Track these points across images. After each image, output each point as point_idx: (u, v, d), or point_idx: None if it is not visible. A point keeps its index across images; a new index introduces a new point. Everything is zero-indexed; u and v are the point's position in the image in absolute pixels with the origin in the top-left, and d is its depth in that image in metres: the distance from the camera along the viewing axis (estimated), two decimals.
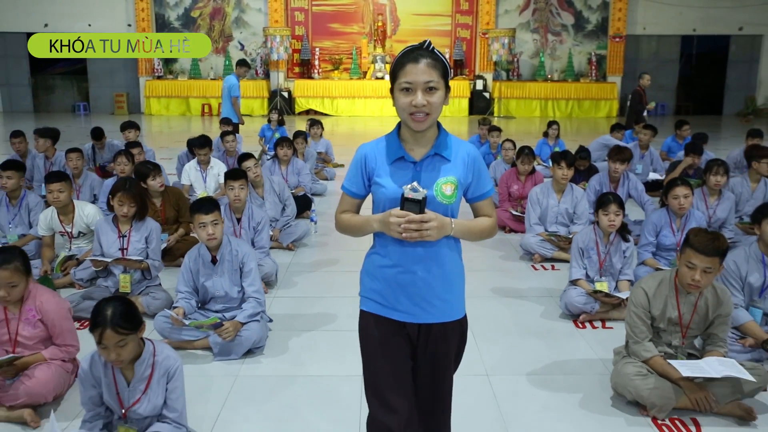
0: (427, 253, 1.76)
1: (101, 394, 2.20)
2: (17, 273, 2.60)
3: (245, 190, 4.17)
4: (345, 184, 1.88)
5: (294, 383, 2.92)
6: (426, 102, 1.68)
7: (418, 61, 1.69)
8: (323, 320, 3.61)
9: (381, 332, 1.82)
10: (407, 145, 1.79)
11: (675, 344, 2.78)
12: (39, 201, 4.70)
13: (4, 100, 19.31)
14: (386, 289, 1.81)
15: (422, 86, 1.68)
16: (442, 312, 1.81)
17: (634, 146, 7.28)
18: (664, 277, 2.79)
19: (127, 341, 2.05)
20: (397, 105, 1.73)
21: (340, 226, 1.90)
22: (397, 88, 1.72)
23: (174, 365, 2.20)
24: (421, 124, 1.71)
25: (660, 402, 2.60)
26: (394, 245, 1.77)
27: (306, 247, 5.11)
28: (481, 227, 1.84)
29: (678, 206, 3.99)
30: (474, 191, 1.83)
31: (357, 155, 1.85)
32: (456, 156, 1.79)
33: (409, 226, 1.66)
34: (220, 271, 3.28)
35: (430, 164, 1.77)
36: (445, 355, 1.85)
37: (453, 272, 1.82)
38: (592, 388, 2.86)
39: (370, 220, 1.78)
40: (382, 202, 1.79)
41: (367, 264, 1.88)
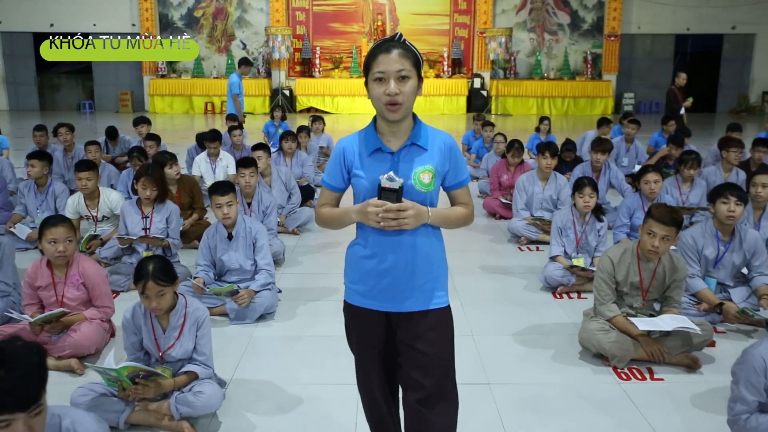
0: (407, 242, 1.79)
1: (141, 341, 2.60)
2: (71, 229, 3.03)
3: (255, 177, 4.56)
4: (324, 178, 1.91)
5: (300, 342, 3.33)
6: (399, 91, 1.72)
7: (389, 51, 1.73)
8: (326, 292, 4.01)
9: (363, 327, 1.90)
10: (384, 137, 1.82)
11: (636, 306, 3.18)
12: (64, 188, 5.10)
13: (11, 98, 19.41)
14: (368, 279, 1.84)
15: (394, 75, 1.71)
16: (423, 300, 1.84)
17: (621, 140, 7.69)
18: (628, 247, 3.18)
19: (165, 292, 2.45)
20: (372, 95, 1.77)
21: (320, 219, 1.93)
22: (371, 79, 1.76)
23: (203, 315, 2.60)
24: (395, 114, 1.74)
25: (620, 353, 2.99)
26: (374, 235, 1.80)
27: (309, 231, 5.51)
28: (458, 215, 1.87)
29: (649, 190, 4.39)
30: (451, 179, 1.86)
31: (336, 149, 1.88)
32: (432, 145, 1.82)
33: (386, 215, 1.69)
34: (235, 246, 3.68)
35: (407, 154, 1.80)
36: (431, 343, 1.84)
37: (433, 261, 1.85)
38: (564, 345, 3.27)
39: (349, 211, 1.81)
40: (361, 194, 1.82)
41: (348, 255, 1.92)
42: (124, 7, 18.84)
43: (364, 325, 1.90)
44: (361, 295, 1.87)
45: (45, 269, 3.12)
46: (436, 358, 1.84)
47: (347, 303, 1.93)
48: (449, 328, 1.90)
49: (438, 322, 1.86)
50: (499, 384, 2.86)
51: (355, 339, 1.96)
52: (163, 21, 18.88)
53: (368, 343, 1.92)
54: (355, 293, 1.89)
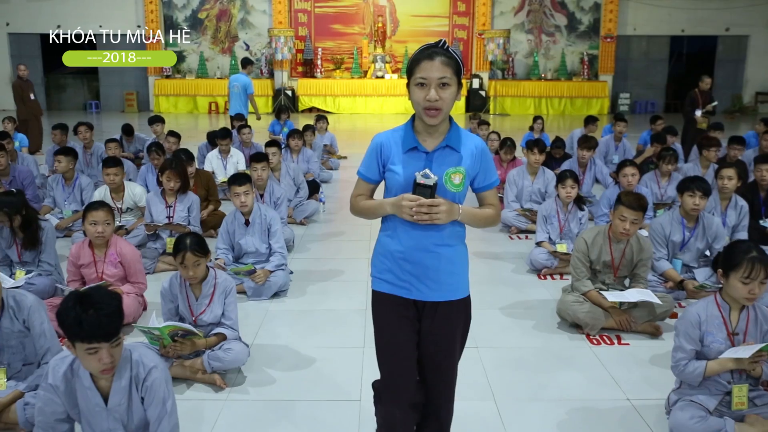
0: (434, 236, 1.88)
1: (177, 307, 3.02)
2: (110, 213, 3.45)
3: (266, 171, 4.97)
4: (361, 169, 2.00)
5: (311, 314, 3.76)
6: (439, 97, 1.79)
7: (432, 59, 1.79)
8: (333, 274, 4.43)
9: (391, 313, 1.96)
10: (420, 137, 1.90)
11: (608, 282, 3.60)
12: (89, 182, 5.52)
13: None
14: (396, 269, 1.92)
15: (436, 82, 1.78)
16: (448, 291, 1.93)
17: (610, 138, 8.10)
18: (600, 230, 3.60)
19: (200, 262, 2.87)
20: (413, 99, 1.84)
21: (355, 209, 2.01)
22: (413, 83, 1.83)
23: (230, 285, 3.02)
24: (434, 119, 1.82)
25: (592, 322, 3.42)
26: (404, 228, 1.89)
27: (316, 222, 5.94)
28: (486, 215, 1.97)
29: (627, 183, 4.81)
30: (480, 182, 1.95)
31: (373, 143, 1.96)
32: (465, 148, 1.89)
33: (420, 209, 1.78)
34: (251, 231, 4.10)
35: (441, 155, 1.88)
36: (450, 332, 1.96)
37: (457, 255, 1.95)
38: (545, 317, 3.69)
39: (384, 203, 1.90)
40: (394, 188, 1.90)
41: (378, 246, 2.00)
42: (130, 9, 19.00)
43: (393, 306, 1.96)
44: (389, 283, 1.95)
45: (87, 249, 3.54)
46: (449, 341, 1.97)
47: (376, 292, 2.00)
48: (468, 316, 2.03)
49: (459, 311, 1.97)
50: (486, 347, 3.28)
51: (385, 325, 1.99)
52: (167, 22, 18.95)
53: (397, 325, 1.96)
54: (383, 282, 1.97)
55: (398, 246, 1.91)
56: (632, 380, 2.97)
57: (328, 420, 2.65)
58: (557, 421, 2.65)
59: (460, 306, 1.97)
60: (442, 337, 1.96)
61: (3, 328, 2.55)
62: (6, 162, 5.55)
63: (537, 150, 5.51)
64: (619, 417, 2.68)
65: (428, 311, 1.95)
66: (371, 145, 1.97)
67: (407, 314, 1.95)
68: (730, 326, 2.47)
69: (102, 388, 2.01)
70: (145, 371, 2.01)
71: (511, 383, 2.96)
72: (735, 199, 4.48)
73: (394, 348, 1.98)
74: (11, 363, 2.61)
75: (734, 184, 4.44)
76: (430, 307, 1.94)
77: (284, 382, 2.96)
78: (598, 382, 2.97)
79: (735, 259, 2.38)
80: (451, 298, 1.94)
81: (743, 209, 4.48)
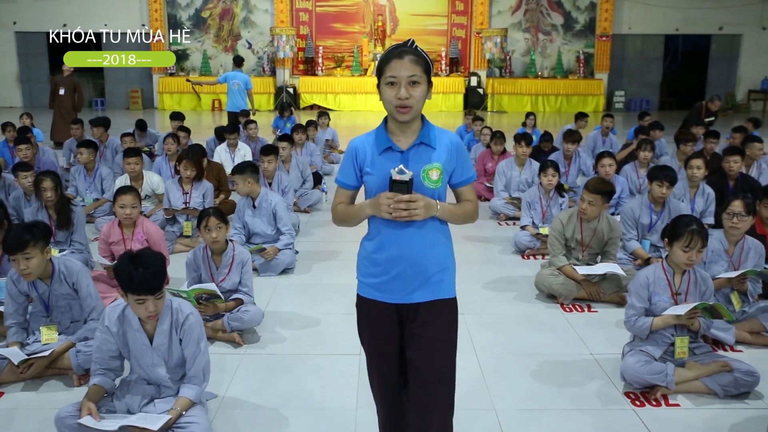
0: (416, 235, 1.87)
1: (200, 276, 3.46)
2: (137, 198, 3.88)
3: (273, 164, 5.39)
4: (338, 177, 2.00)
5: (315, 288, 4.20)
6: (409, 95, 1.81)
7: (402, 57, 1.81)
8: (335, 254, 4.87)
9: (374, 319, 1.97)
10: (394, 137, 1.91)
11: (580, 258, 4.04)
12: (109, 172, 5.95)
13: (25, 95, 19.81)
14: (378, 272, 1.92)
15: (405, 80, 1.80)
16: (431, 292, 1.91)
17: (598, 133, 8.52)
18: (573, 211, 4.04)
19: (221, 226, 3.32)
20: (383, 98, 1.86)
21: (337, 217, 2.02)
22: (383, 83, 1.85)
23: (246, 257, 3.46)
24: (405, 116, 1.83)
25: (565, 293, 3.86)
26: (386, 229, 1.89)
27: (319, 210, 6.40)
28: (464, 210, 1.97)
29: (605, 173, 5.24)
30: (457, 177, 1.95)
31: (348, 149, 1.97)
32: (440, 144, 1.90)
33: (397, 206, 1.78)
34: (258, 213, 4.55)
35: (416, 153, 1.88)
36: (435, 333, 1.92)
37: (441, 255, 1.93)
38: (525, 290, 4.13)
39: (363, 205, 1.90)
40: (373, 190, 1.91)
41: (361, 250, 2.00)
42: (134, 8, 19.14)
43: (375, 317, 1.97)
44: (372, 287, 1.95)
45: (116, 228, 3.98)
46: (437, 344, 1.92)
47: (359, 296, 2.01)
48: (453, 318, 1.98)
49: (441, 311, 1.93)
50: (470, 314, 3.72)
51: (367, 331, 2.02)
52: (171, 21, 19.08)
53: (379, 334, 1.98)
54: (366, 286, 1.97)
55: (379, 247, 1.92)
56: (596, 340, 3.41)
57: (332, 371, 3.09)
58: (530, 371, 3.08)
59: (445, 306, 1.95)
60: (431, 337, 1.92)
61: (54, 290, 2.98)
62: (32, 154, 5.99)
63: (524, 143, 5.95)
64: (582, 368, 3.12)
65: (410, 313, 1.94)
66: (346, 151, 1.99)
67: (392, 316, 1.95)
68: (673, 287, 2.91)
69: (147, 330, 2.45)
70: (183, 317, 2.45)
71: (491, 342, 3.39)
72: (702, 186, 4.91)
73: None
74: (61, 321, 3.05)
75: (702, 173, 4.87)
76: (412, 309, 1.93)
77: (294, 340, 3.40)
78: (567, 341, 3.41)
79: (678, 231, 2.81)
80: (433, 298, 1.92)
81: (710, 196, 4.90)
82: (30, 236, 2.78)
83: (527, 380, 3.00)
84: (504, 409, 2.73)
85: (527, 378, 3.03)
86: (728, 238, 3.44)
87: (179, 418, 2.34)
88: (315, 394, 2.87)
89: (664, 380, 2.76)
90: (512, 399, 2.83)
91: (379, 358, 2.03)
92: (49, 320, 3.02)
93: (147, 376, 2.48)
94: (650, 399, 2.78)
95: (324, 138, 9.05)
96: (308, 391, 2.89)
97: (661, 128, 8.51)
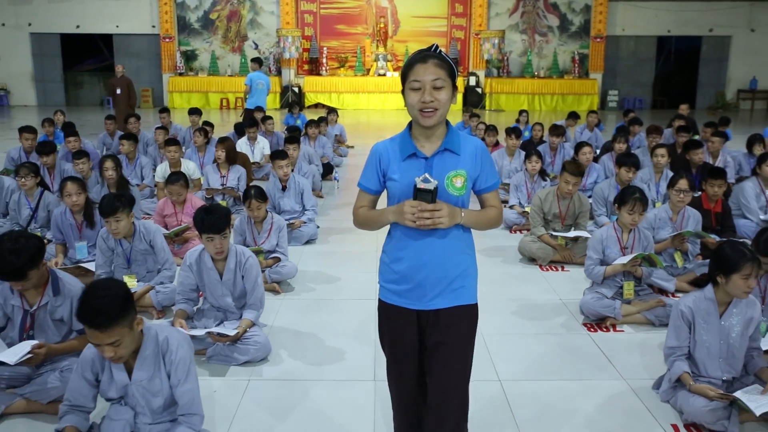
0: (439, 242, 1.87)
1: (245, 239, 4.25)
2: (184, 187, 4.67)
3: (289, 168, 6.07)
4: (361, 181, 1.99)
5: (336, 254, 5.02)
6: (433, 99, 1.79)
7: (426, 62, 1.80)
8: (349, 230, 5.65)
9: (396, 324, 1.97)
10: (418, 142, 1.89)
11: (557, 229, 4.83)
12: (148, 161, 6.74)
13: (39, 94, 20.44)
14: (400, 279, 1.92)
15: (430, 84, 1.79)
16: (452, 298, 1.91)
17: (583, 128, 9.32)
18: (551, 190, 4.84)
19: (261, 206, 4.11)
20: (408, 103, 1.84)
21: (358, 220, 2.01)
22: (408, 87, 1.83)
23: (282, 224, 4.26)
24: (429, 119, 1.81)
25: (543, 256, 4.66)
26: (408, 236, 1.88)
27: (332, 196, 7.21)
28: (488, 216, 1.96)
29: (585, 160, 6.04)
30: (481, 183, 1.94)
31: (372, 154, 1.95)
32: (464, 150, 1.89)
33: (421, 215, 1.76)
34: (287, 194, 5.35)
35: (440, 159, 1.87)
36: (455, 340, 1.93)
37: (463, 261, 1.93)
38: (510, 256, 4.93)
39: (386, 211, 1.89)
40: (396, 196, 1.90)
41: (383, 255, 2.01)
42: (145, 10, 19.69)
43: (396, 322, 1.97)
44: (394, 293, 1.95)
45: (169, 204, 4.78)
46: (457, 350, 1.93)
47: (381, 301, 2.01)
48: (474, 323, 1.99)
49: (463, 317, 1.94)
50: None
51: (388, 336, 2.02)
52: (180, 23, 19.65)
53: (401, 340, 1.98)
54: (388, 292, 1.97)
55: (403, 256, 1.92)
56: (565, 289, 4.21)
57: (352, 312, 3.88)
58: (512, 311, 3.88)
59: (467, 312, 1.95)
60: (445, 347, 1.93)
61: (135, 246, 3.78)
62: (79, 145, 6.79)
63: (514, 136, 6.76)
64: (552, 308, 3.93)
65: (430, 319, 1.94)
66: (370, 156, 1.98)
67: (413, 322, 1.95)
68: (622, 242, 3.71)
69: (218, 268, 3.24)
70: (245, 259, 3.24)
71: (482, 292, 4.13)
72: (666, 172, 5.69)
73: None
74: (138, 272, 3.84)
75: (666, 160, 5.65)
76: (432, 315, 1.93)
77: (321, 289, 4.22)
78: (542, 291, 4.21)
79: (624, 198, 3.60)
80: (456, 304, 1.93)
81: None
82: (120, 203, 3.57)
83: (510, 316, 3.80)
84: (491, 334, 3.51)
85: (510, 315, 3.82)
86: (673, 209, 4.24)
87: (244, 333, 3.13)
88: (339, 326, 3.67)
89: (612, 312, 3.56)
90: (498, 327, 3.62)
91: (399, 363, 2.02)
92: (129, 271, 3.81)
93: (217, 304, 3.27)
94: (602, 327, 3.58)
95: (333, 133, 9.85)
96: (333, 325, 3.69)
97: (640, 124, 9.29)
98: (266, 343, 3.17)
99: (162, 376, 2.18)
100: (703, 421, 2.51)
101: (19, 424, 2.60)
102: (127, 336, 2.05)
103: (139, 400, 2.18)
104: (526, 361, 3.23)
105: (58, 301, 2.64)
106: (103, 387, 2.22)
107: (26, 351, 2.53)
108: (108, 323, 1.98)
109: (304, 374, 3.08)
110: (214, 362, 3.09)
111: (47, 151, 5.72)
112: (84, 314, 1.99)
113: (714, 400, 2.48)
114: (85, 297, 2.01)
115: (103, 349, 2.04)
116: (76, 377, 2.24)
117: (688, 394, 2.58)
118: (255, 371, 3.08)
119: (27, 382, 2.66)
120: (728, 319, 2.62)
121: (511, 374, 3.06)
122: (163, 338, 2.20)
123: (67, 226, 4.22)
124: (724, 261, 2.52)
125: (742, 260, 2.49)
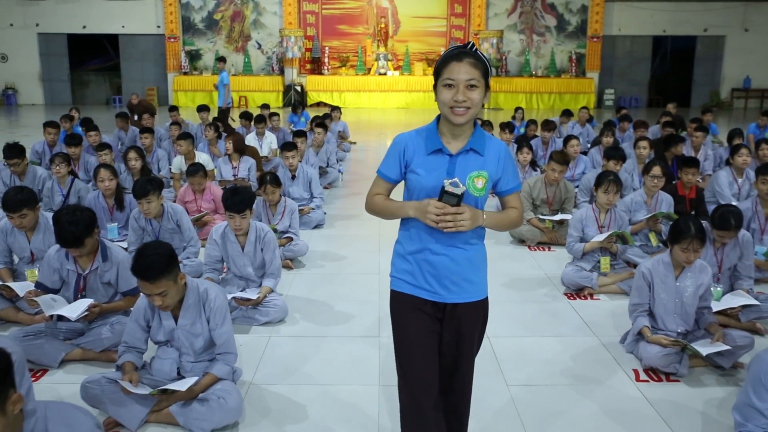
0: (454, 238, 1.87)
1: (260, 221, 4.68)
2: (204, 178, 5.11)
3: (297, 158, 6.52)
4: (381, 169, 1.97)
5: (341, 237, 5.47)
6: (466, 98, 1.78)
7: (461, 60, 1.79)
8: (353, 217, 6.13)
9: (410, 312, 1.94)
10: (444, 138, 1.88)
11: (545, 213, 5.27)
12: (165, 154, 7.18)
13: (46, 93, 20.81)
14: (416, 270, 1.92)
15: (464, 83, 1.78)
16: (468, 292, 1.92)
17: (575, 123, 9.76)
18: (539, 178, 5.28)
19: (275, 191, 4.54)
20: (439, 99, 1.82)
21: (372, 208, 1.99)
22: (441, 84, 1.82)
23: (295, 207, 4.70)
24: (460, 118, 1.80)
25: (531, 237, 5.10)
26: (424, 231, 1.88)
27: (336, 188, 7.66)
28: (510, 218, 1.96)
29: (573, 152, 6.48)
30: (504, 185, 1.94)
31: (395, 143, 1.94)
32: (489, 152, 1.89)
33: (445, 218, 1.76)
34: (297, 183, 5.79)
35: (464, 158, 1.86)
36: (469, 334, 1.96)
37: (477, 256, 1.94)
38: (501, 239, 5.36)
39: (406, 206, 1.88)
40: (416, 190, 1.89)
41: (397, 247, 1.99)
42: (150, 11, 20.06)
43: (411, 309, 1.95)
44: (408, 284, 1.95)
45: (190, 191, 5.22)
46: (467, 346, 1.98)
47: (394, 291, 1.99)
48: (485, 318, 2.03)
49: (475, 312, 1.97)
50: None
51: (401, 326, 1.97)
52: (185, 23, 19.99)
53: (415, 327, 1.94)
54: (402, 282, 1.96)
55: (418, 248, 1.92)
56: (549, 266, 4.66)
57: (358, 284, 4.32)
58: (499, 284, 4.31)
59: (479, 307, 1.98)
60: (461, 339, 1.97)
61: (164, 226, 4.21)
62: (99, 139, 7.24)
63: (507, 131, 7.22)
64: (536, 281, 4.37)
65: (447, 313, 1.95)
66: (393, 145, 1.96)
67: (427, 311, 1.95)
68: (599, 222, 4.15)
69: (240, 241, 3.67)
70: (263, 233, 3.68)
71: None
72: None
73: (416, 345, 1.95)
74: None
75: (647, 152, 6.08)
76: (450, 309, 1.94)
77: (329, 266, 4.67)
78: (529, 267, 4.65)
79: (600, 180, 4.04)
80: (470, 300, 1.94)
81: None
82: (151, 186, 4.00)
83: (501, 288, 4.24)
84: None
85: (500, 287, 4.26)
86: (647, 193, 4.68)
87: (264, 298, 3.57)
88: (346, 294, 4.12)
89: (590, 282, 4.00)
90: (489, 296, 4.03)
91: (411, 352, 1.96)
92: None
93: (240, 274, 3.71)
94: (580, 295, 4.02)
95: (337, 129, 10.29)
96: (341, 293, 4.13)
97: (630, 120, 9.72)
98: (284, 306, 3.61)
99: (203, 321, 2.61)
100: (658, 365, 2.91)
101: (77, 368, 3.05)
102: (172, 287, 2.45)
103: (183, 342, 2.62)
104: (512, 323, 3.67)
105: (106, 266, 3.03)
106: (153, 331, 2.66)
107: (84, 309, 2.91)
108: (156, 276, 2.37)
109: (316, 332, 3.53)
110: (239, 323, 3.53)
111: (75, 143, 6.16)
112: (137, 268, 2.38)
113: (667, 347, 2.91)
114: (138, 255, 2.40)
115: (153, 298, 2.43)
116: (131, 323, 2.63)
117: (647, 344, 2.99)
118: (274, 330, 3.53)
119: (80, 335, 3.10)
120: (683, 281, 3.06)
121: (498, 332, 3.49)
122: (203, 290, 2.64)
123: (99, 209, 4.66)
124: (672, 232, 2.96)
125: (683, 235, 2.89)
